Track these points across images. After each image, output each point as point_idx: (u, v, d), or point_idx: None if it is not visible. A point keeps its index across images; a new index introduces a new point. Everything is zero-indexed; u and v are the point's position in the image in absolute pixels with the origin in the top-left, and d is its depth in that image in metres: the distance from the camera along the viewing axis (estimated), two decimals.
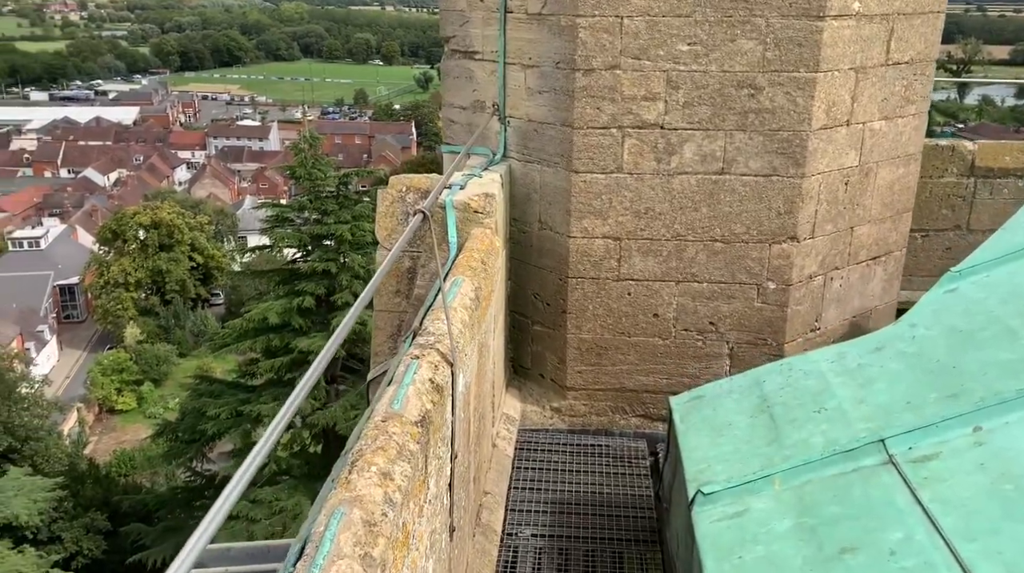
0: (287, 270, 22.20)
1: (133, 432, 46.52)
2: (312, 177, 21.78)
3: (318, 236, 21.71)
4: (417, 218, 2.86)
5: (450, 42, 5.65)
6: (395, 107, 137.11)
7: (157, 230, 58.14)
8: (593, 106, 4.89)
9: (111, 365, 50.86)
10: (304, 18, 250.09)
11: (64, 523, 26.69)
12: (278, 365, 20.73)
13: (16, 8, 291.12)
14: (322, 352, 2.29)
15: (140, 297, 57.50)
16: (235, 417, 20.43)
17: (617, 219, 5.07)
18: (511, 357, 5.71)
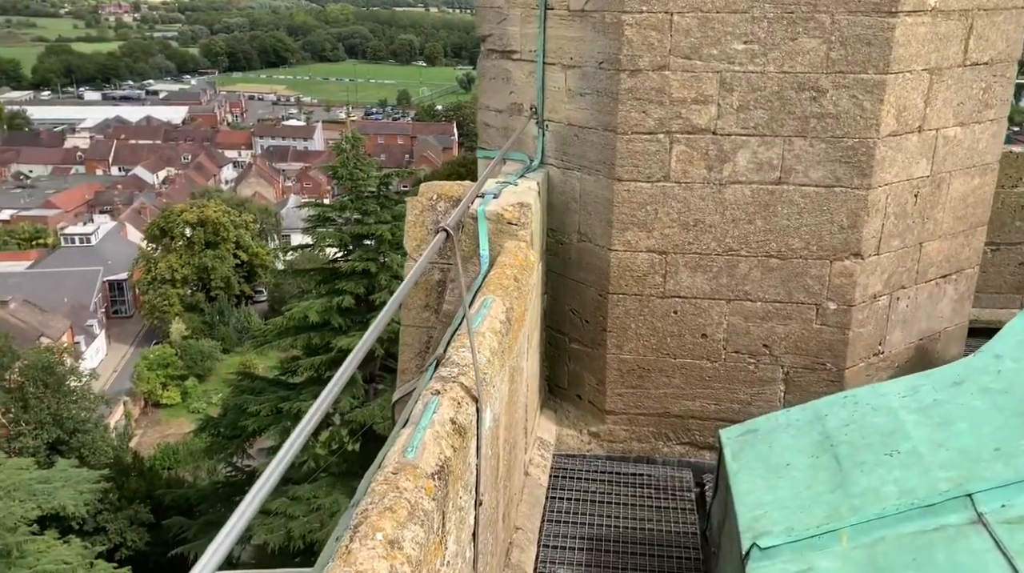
0: (328, 269, 22.38)
1: (177, 426, 47.29)
2: (354, 177, 21.94)
3: (359, 236, 21.82)
4: (440, 236, 2.55)
5: (487, 41, 5.33)
6: (437, 108, 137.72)
7: (203, 228, 59.09)
8: (639, 109, 4.52)
9: (157, 360, 51.82)
10: (349, 19, 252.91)
11: (109, 515, 27.17)
12: (318, 363, 20.89)
13: (73, 10, 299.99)
14: (340, 369, 2.03)
15: (186, 293, 58.50)
16: (275, 414, 20.63)
17: (663, 231, 4.69)
18: (546, 376, 5.37)
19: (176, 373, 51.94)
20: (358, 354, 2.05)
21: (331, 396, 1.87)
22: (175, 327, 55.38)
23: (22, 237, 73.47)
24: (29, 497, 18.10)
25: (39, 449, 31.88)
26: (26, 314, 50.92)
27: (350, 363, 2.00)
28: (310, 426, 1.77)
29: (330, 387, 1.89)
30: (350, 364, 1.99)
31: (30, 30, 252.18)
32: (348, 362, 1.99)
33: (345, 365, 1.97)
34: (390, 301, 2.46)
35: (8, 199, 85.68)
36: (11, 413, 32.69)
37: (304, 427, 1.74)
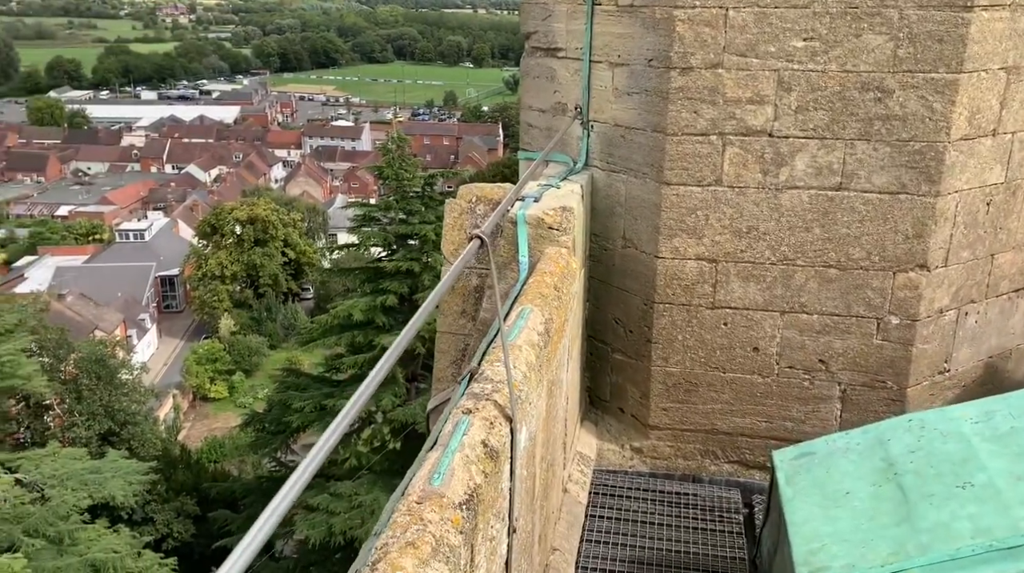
0: (372, 268, 22.54)
1: (224, 420, 48.14)
2: (399, 177, 22.07)
3: (403, 235, 21.94)
4: (474, 244, 2.37)
5: (531, 38, 5.15)
6: (483, 109, 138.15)
7: (253, 226, 60.09)
8: (690, 110, 4.29)
9: (206, 354, 52.85)
10: (398, 21, 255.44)
11: (156, 505, 27.77)
12: (361, 361, 21.05)
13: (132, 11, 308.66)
14: (369, 377, 1.89)
15: (235, 290, 59.55)
16: (319, 411, 20.84)
17: (714, 238, 4.45)
18: (587, 387, 5.16)
19: (224, 368, 52.91)
20: (387, 363, 1.90)
21: (359, 404, 1.75)
22: (224, 323, 56.42)
23: (79, 232, 75.69)
24: (81, 486, 18.54)
25: (91, 440, 32.70)
26: (81, 307, 52.34)
27: (380, 370, 1.85)
28: (340, 430, 1.72)
29: (357, 396, 1.77)
30: (379, 371, 1.85)
31: (91, 31, 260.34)
32: (376, 370, 1.84)
33: (372, 375, 1.82)
34: (421, 307, 2.29)
35: (67, 195, 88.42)
36: (65, 404, 33.58)
37: (333, 430, 1.70)
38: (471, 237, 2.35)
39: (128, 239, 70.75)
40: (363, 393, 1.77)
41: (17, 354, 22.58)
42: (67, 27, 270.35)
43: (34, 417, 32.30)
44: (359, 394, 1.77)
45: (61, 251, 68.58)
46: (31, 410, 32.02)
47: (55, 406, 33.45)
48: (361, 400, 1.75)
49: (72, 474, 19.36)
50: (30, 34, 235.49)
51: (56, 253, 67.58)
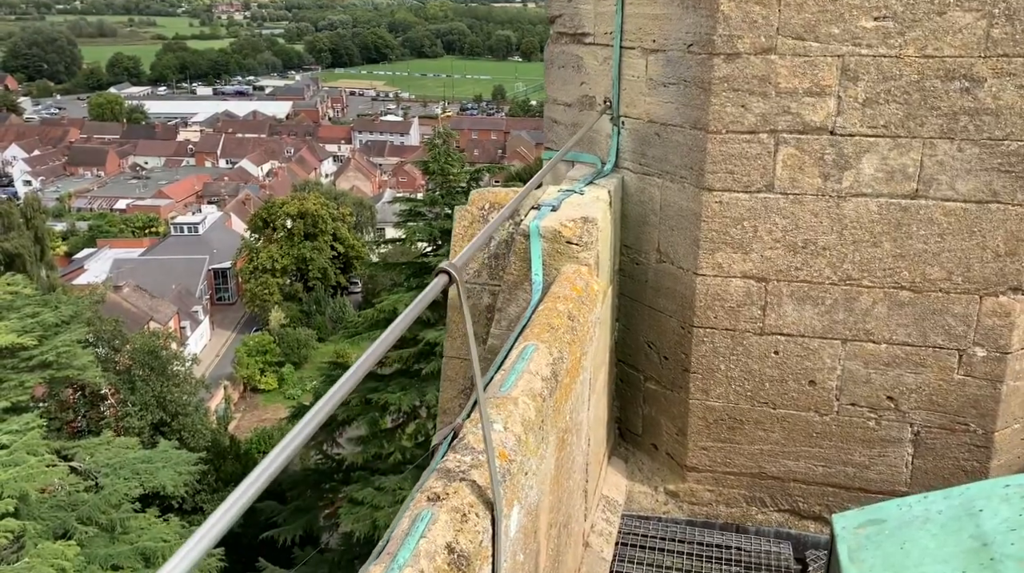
0: (418, 263, 22.47)
1: (273, 411, 48.69)
2: (444, 172, 21.89)
3: (448, 231, 21.73)
4: (439, 280, 1.82)
5: (556, 23, 4.56)
6: (532, 103, 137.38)
7: (303, 220, 60.69)
8: (736, 103, 3.65)
9: (256, 346, 53.61)
10: (448, 15, 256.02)
11: (206, 495, 28.14)
12: (406, 355, 20.97)
13: (189, 9, 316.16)
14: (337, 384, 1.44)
15: (285, 283, 60.27)
16: (364, 404, 20.85)
17: (763, 253, 3.81)
18: (616, 417, 4.56)
19: (274, 360, 53.63)
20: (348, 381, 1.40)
21: None
22: (274, 315, 57.16)
23: (136, 225, 77.60)
24: (133, 475, 18.77)
25: (143, 430, 33.27)
26: (137, 299, 53.48)
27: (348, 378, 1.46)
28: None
29: None
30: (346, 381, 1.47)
31: (150, 28, 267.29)
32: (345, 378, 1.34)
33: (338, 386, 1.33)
34: (379, 338, 1.78)
35: (125, 189, 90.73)
36: (120, 394, 34.20)
37: None
38: (437, 270, 1.80)
39: (183, 232, 72.18)
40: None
41: (73, 345, 22.96)
42: (128, 25, 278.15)
43: (90, 406, 33.00)
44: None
45: (119, 243, 70.39)
46: (87, 399, 32.72)
47: (110, 396, 34.11)
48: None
49: (124, 463, 19.59)
50: (92, 32, 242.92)
51: (114, 245, 69.38)
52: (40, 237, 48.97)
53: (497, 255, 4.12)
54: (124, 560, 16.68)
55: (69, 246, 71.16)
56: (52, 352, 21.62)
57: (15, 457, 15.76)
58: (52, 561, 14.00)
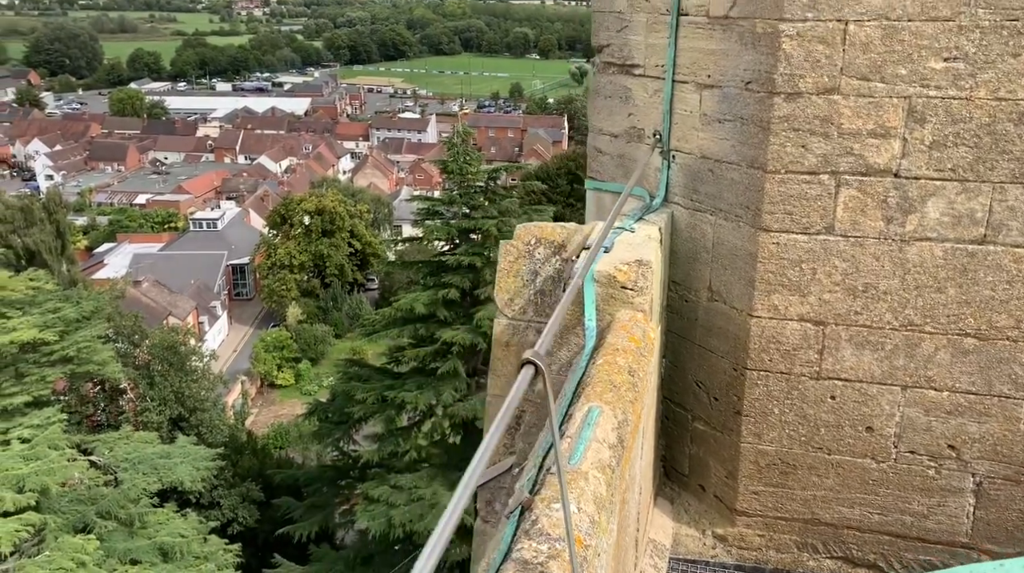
0: (435, 262, 22.49)
1: (290, 407, 48.91)
2: (463, 172, 21.89)
3: (466, 230, 21.77)
4: (526, 372, 1.74)
5: (603, 52, 4.46)
6: (549, 101, 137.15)
7: (321, 216, 60.88)
8: (796, 143, 3.55)
9: (273, 342, 53.86)
10: (466, 13, 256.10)
11: (223, 490, 28.28)
12: (423, 354, 20.99)
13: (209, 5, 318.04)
14: None
15: (303, 279, 60.49)
16: (381, 403, 20.92)
17: (822, 297, 3.70)
18: (662, 455, 4.47)
19: (291, 356, 53.86)
20: None
21: None
22: (291, 311, 57.39)
23: (156, 220, 78.16)
24: (151, 470, 18.89)
25: (162, 425, 33.47)
26: (156, 294, 53.88)
27: None
28: None
29: None
30: None
31: (170, 24, 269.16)
32: None
33: None
34: (480, 450, 1.70)
35: (145, 184, 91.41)
36: (138, 389, 34.43)
37: None
38: (523, 362, 1.72)
39: (202, 228, 72.56)
40: None
41: (94, 340, 23.14)
42: (148, 20, 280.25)
43: (110, 400, 33.23)
44: None
45: (138, 238, 70.90)
46: (107, 394, 32.95)
47: (129, 391, 34.34)
48: None
49: (143, 458, 19.72)
50: (114, 28, 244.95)
51: (134, 240, 69.90)
52: (61, 232, 49.34)
53: (543, 291, 4.03)
54: (143, 554, 16.80)
55: (89, 240, 71.79)
56: (73, 347, 21.79)
57: (37, 451, 15.89)
58: (72, 555, 14.10)
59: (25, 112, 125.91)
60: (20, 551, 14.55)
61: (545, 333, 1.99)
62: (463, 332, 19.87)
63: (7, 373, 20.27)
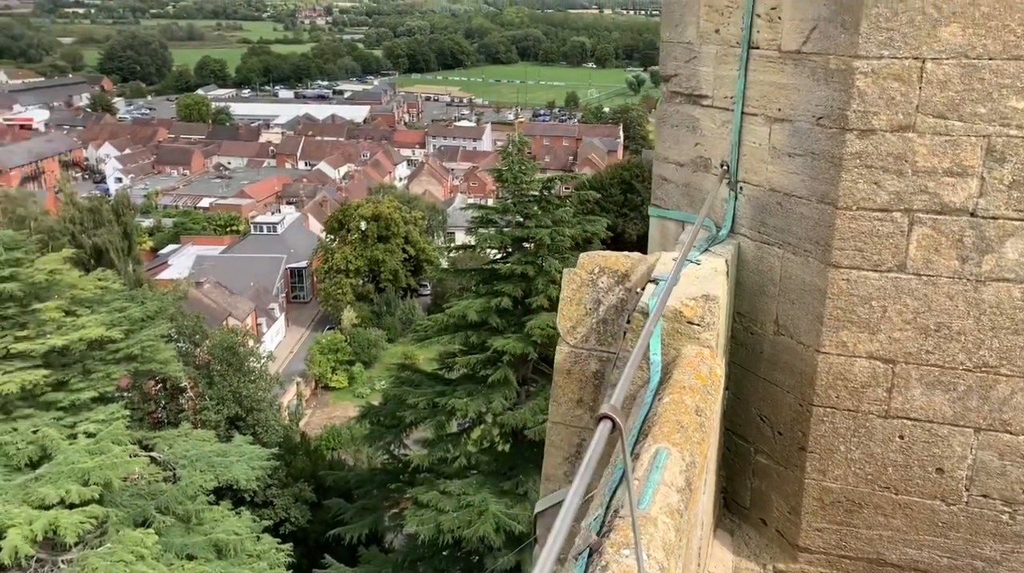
0: (488, 270, 22.64)
1: (343, 409, 49.69)
2: (517, 180, 21.99)
3: (519, 239, 21.86)
4: (603, 427, 1.77)
5: (671, 82, 4.48)
6: (604, 110, 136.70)
7: (377, 222, 61.83)
8: (869, 179, 3.51)
9: (328, 345, 54.83)
10: (524, 22, 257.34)
11: (276, 490, 28.88)
12: (474, 361, 21.15)
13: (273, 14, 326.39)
14: None
15: (358, 283, 61.49)
16: (431, 408, 21.15)
17: (892, 335, 3.65)
18: (722, 486, 4.45)
19: (345, 358, 54.74)
20: None
21: None
22: (346, 315, 58.36)
23: (218, 223, 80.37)
24: (208, 468, 19.38)
25: (220, 423, 34.33)
26: (217, 295, 55.35)
27: None
28: None
29: None
30: None
31: (236, 32, 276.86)
32: None
33: None
34: (566, 504, 1.73)
35: (209, 188, 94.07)
36: (198, 388, 35.39)
37: None
38: (599, 417, 1.75)
39: (262, 231, 74.31)
40: None
41: (157, 339, 23.90)
42: (215, 29, 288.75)
43: (170, 398, 34.22)
44: None
45: (201, 241, 73.02)
46: (168, 392, 33.95)
47: (189, 389, 35.31)
48: None
49: (201, 456, 20.25)
50: (182, 36, 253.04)
51: (197, 242, 72.04)
52: (128, 233, 51.02)
53: (606, 320, 4.06)
54: (199, 550, 17.21)
55: (155, 242, 74.19)
56: (137, 346, 22.54)
57: (101, 446, 16.46)
58: (132, 548, 14.52)
59: (97, 117, 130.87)
60: (84, 542, 15.06)
61: (621, 383, 2.03)
62: (514, 340, 19.94)
63: (75, 369, 21.07)
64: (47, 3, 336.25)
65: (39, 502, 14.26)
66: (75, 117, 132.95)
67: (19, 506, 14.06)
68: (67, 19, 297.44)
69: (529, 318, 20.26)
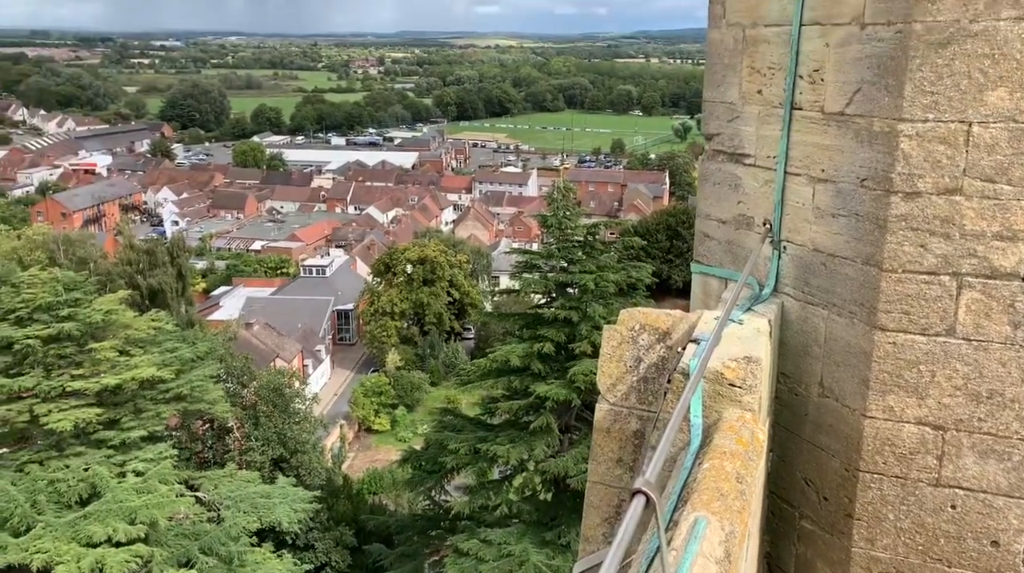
0: (531, 314, 22.65)
1: (385, 453, 49.67)
2: (562, 226, 22.11)
3: (563, 284, 21.88)
4: (637, 502, 1.76)
5: (713, 140, 4.50)
6: (650, 156, 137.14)
7: (423, 266, 62.50)
8: (915, 242, 3.47)
9: (372, 387, 55.13)
10: (571, 71, 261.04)
11: (318, 533, 28.85)
12: (516, 407, 21.05)
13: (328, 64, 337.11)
14: None
15: (403, 326, 61.95)
16: (473, 454, 21.03)
17: (941, 401, 3.55)
18: (766, 552, 4.33)
19: (388, 401, 54.93)
20: None
21: None
22: (391, 358, 58.71)
23: (269, 266, 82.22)
24: (252, 509, 19.50)
25: (264, 465, 34.60)
26: (266, 337, 56.28)
27: None
28: None
29: None
30: None
31: (292, 82, 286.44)
32: None
33: None
34: None
35: (262, 231, 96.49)
36: (244, 428, 35.81)
37: None
38: (633, 492, 1.75)
39: (311, 274, 75.71)
40: None
41: (206, 380, 24.37)
42: (272, 78, 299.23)
43: (217, 438, 34.64)
44: None
45: (252, 283, 74.67)
46: (215, 432, 34.40)
47: (235, 430, 35.74)
48: None
49: (245, 497, 20.40)
50: (241, 84, 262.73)
51: (248, 284, 73.68)
52: (182, 274, 52.41)
53: (647, 379, 4.04)
54: None
55: (207, 283, 76.07)
56: (187, 386, 22.99)
57: (148, 485, 16.71)
58: None
59: (157, 162, 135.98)
60: None
61: (660, 447, 2.02)
62: (557, 387, 19.80)
63: (127, 408, 21.56)
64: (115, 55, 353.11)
65: (87, 540, 14.49)
66: (136, 162, 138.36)
67: (68, 543, 14.31)
68: (133, 69, 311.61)
69: (572, 364, 20.13)
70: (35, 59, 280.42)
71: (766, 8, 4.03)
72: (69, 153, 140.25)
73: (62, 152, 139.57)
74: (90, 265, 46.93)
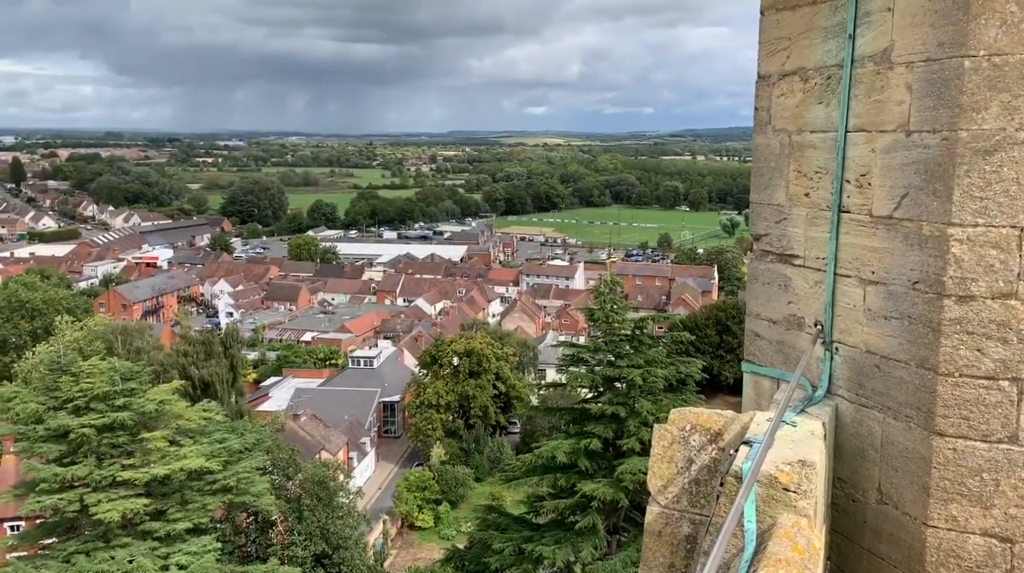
0: (578, 409, 22.35)
1: (427, 551, 48.49)
2: (609, 320, 22.01)
3: (610, 378, 21.62)
4: None
5: (761, 240, 4.56)
6: (698, 251, 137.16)
7: (469, 358, 62.51)
8: (971, 346, 3.42)
9: (416, 482, 54.38)
10: (618, 168, 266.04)
11: None
12: (562, 506, 20.54)
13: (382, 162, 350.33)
14: None
15: (448, 419, 61.53)
16: (518, 554, 20.45)
17: (1007, 511, 3.42)
18: None
19: (432, 497, 53.98)
20: None
21: None
22: (435, 451, 58.10)
23: (318, 357, 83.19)
24: None
25: (306, 560, 34.07)
26: (312, 428, 56.43)
27: None
28: None
29: None
30: None
31: (348, 179, 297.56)
32: None
33: None
34: None
35: (312, 323, 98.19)
36: (288, 522, 35.50)
37: None
38: None
39: (359, 365, 76.22)
40: None
41: (252, 472, 24.43)
42: (329, 175, 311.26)
43: (260, 532, 34.34)
44: None
45: (301, 373, 75.48)
46: (259, 525, 34.15)
47: (279, 523, 35.43)
48: None
49: None
50: (299, 181, 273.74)
51: (297, 375, 74.49)
52: (234, 365, 53.36)
53: (698, 481, 3.97)
54: None
55: (258, 374, 77.17)
56: (234, 477, 23.05)
57: None
58: None
59: (216, 255, 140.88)
60: None
61: (714, 554, 2.00)
62: (604, 485, 19.30)
63: (174, 499, 21.67)
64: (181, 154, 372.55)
65: None
66: (196, 255, 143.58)
67: None
68: (197, 168, 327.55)
69: (620, 462, 19.70)
70: (108, 159, 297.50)
71: (811, 116, 4.15)
72: (133, 247, 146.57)
73: (127, 246, 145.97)
74: (145, 355, 48.16)
